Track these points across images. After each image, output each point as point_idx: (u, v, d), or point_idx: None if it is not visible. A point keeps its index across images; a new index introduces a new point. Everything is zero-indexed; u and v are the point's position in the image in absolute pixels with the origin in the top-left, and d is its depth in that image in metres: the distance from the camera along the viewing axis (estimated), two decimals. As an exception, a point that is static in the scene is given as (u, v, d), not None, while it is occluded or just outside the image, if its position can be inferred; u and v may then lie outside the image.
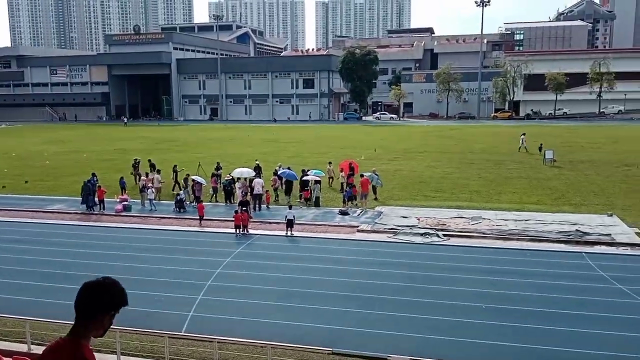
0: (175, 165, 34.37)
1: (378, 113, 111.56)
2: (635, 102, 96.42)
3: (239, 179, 29.38)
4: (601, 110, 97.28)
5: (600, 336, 13.56)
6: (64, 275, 18.55)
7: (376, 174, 29.95)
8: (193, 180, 29.16)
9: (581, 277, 17.75)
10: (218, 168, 32.87)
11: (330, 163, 34.34)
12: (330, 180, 33.21)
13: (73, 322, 3.30)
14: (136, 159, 37.16)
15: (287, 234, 23.03)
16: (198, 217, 25.56)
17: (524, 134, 50.12)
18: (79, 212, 28.05)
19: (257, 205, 27.62)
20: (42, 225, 25.97)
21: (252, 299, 16.18)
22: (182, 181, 30.20)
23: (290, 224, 23.01)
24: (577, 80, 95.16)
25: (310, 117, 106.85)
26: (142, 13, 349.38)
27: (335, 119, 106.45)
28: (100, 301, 3.24)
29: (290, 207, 24.25)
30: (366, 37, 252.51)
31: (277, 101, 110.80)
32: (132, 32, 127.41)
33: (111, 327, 3.41)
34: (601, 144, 53.27)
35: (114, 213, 27.60)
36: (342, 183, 31.62)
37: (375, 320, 14.67)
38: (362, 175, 29.19)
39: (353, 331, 14.03)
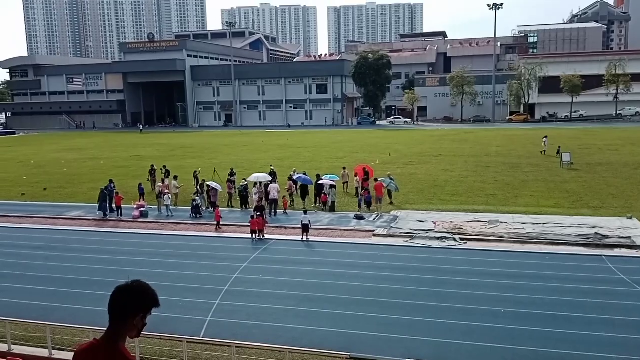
0: (195, 171, 34.65)
1: (392, 117, 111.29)
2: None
3: (255, 184, 29.48)
4: (618, 112, 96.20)
5: (622, 340, 13.38)
6: (83, 281, 18.76)
7: (391, 178, 29.89)
8: (208, 186, 29.36)
9: (601, 280, 17.54)
10: (232, 174, 33.07)
11: (344, 168, 34.33)
12: (345, 185, 33.18)
13: (95, 328, 3.41)
14: (153, 166, 37.49)
15: (302, 238, 23.05)
16: (215, 223, 25.68)
17: (546, 137, 49.69)
18: (98, 218, 28.33)
19: (273, 210, 27.70)
20: (62, 232, 26.27)
21: (269, 304, 16.21)
22: (198, 187, 30.39)
23: (305, 228, 23.03)
24: (592, 82, 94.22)
25: (326, 122, 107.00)
26: (156, 21, 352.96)
27: (349, 124, 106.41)
28: (130, 303, 3.40)
29: (305, 212, 24.27)
30: (379, 41, 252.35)
31: (290, 107, 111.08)
32: (147, 40, 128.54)
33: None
34: (619, 146, 52.65)
35: (131, 219, 27.83)
36: (356, 187, 31.61)
37: (392, 324, 14.62)
38: (376, 180, 29.15)
39: (370, 336, 13.99)
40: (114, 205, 28.85)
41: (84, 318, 15.07)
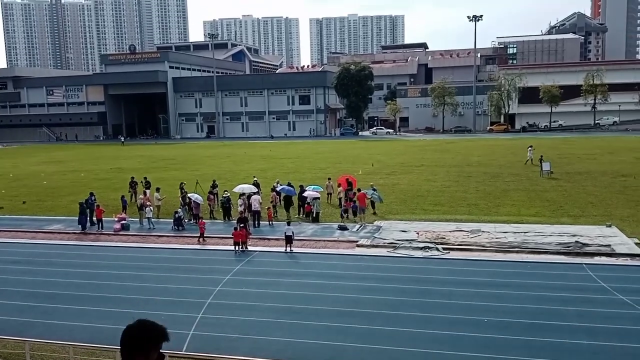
0: (181, 183, 34.37)
1: (374, 128, 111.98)
2: (630, 113, 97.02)
3: (240, 195, 29.29)
4: (596, 121, 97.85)
5: (603, 348, 13.52)
6: (63, 296, 18.48)
7: (374, 189, 29.97)
8: (190, 198, 29.16)
9: (582, 288, 17.73)
10: (214, 186, 32.85)
11: (329, 179, 34.35)
12: (329, 196, 33.22)
13: (73, 344, 3.40)
14: (133, 178, 37.18)
15: (286, 250, 22.97)
16: (198, 235, 25.49)
17: (531, 146, 50.24)
18: (78, 232, 27.96)
19: (256, 222, 27.60)
20: (41, 245, 25.88)
21: (252, 316, 16.10)
22: (180, 199, 30.16)
23: (289, 240, 22.97)
24: (571, 92, 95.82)
25: (310, 132, 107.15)
26: (137, 33, 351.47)
27: (332, 135, 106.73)
28: (136, 342, 3.49)
29: (288, 223, 24.22)
30: (360, 53, 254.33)
31: (273, 118, 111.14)
32: (128, 51, 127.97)
33: (111, 347, 3.55)
34: (597, 155, 53.49)
35: (112, 232, 27.52)
36: (339, 198, 31.66)
37: (376, 335, 14.60)
38: (359, 190, 29.23)
39: (354, 347, 13.96)
40: (94, 218, 28.51)
41: (64, 334, 14.83)
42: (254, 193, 29.36)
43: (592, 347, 13.51)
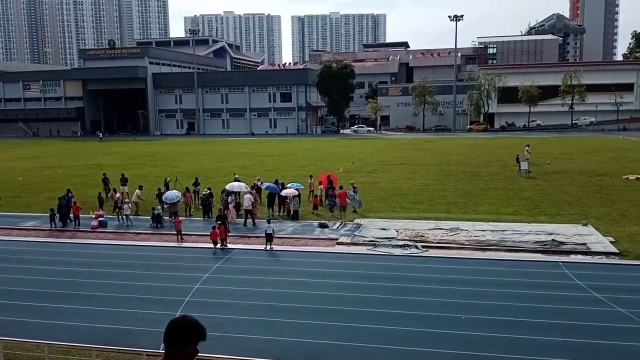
0: (166, 179, 34.13)
1: (356, 126, 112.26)
2: (606, 114, 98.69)
3: (230, 193, 29.03)
4: (573, 121, 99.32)
5: (578, 345, 13.73)
6: (39, 294, 18.18)
7: (355, 190, 29.89)
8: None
9: (558, 286, 17.96)
10: (196, 183, 32.70)
11: (311, 177, 34.33)
12: (311, 193, 33.10)
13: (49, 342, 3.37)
14: (105, 174, 36.80)
15: (266, 248, 22.90)
16: (175, 232, 25.29)
17: (528, 145, 50.70)
18: (54, 229, 27.54)
19: (247, 220, 27.39)
20: (16, 242, 25.43)
21: (231, 314, 16.03)
22: (157, 197, 29.85)
23: (269, 238, 22.89)
24: (549, 92, 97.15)
25: (287, 131, 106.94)
26: (117, 28, 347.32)
27: (313, 132, 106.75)
28: (174, 336, 3.75)
29: (269, 221, 24.10)
30: (342, 51, 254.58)
31: (254, 115, 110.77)
32: (107, 46, 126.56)
33: (88, 345, 3.56)
34: (574, 154, 54.29)
35: (89, 229, 27.16)
36: (317, 196, 31.65)
37: (355, 333, 14.63)
38: (341, 187, 29.22)
39: (334, 345, 13.98)
40: (71, 215, 28.11)
41: (39, 332, 14.60)
42: (252, 188, 29.20)
43: (569, 344, 13.70)
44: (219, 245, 23.16)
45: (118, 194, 30.12)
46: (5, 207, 33.26)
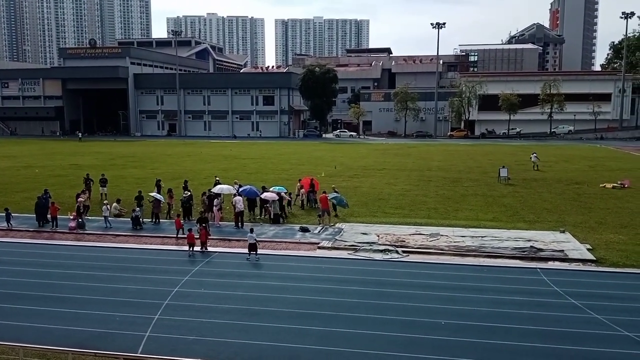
0: (158, 180, 33.63)
1: (338, 130, 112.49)
2: (585, 123, 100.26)
3: (217, 196, 28.75)
4: (552, 130, 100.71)
5: (555, 350, 13.87)
6: (15, 295, 17.84)
7: (336, 191, 29.99)
8: (152, 197, 28.59)
9: (536, 292, 18.15)
10: (186, 187, 31.85)
11: (300, 180, 33.73)
12: (297, 197, 32.63)
13: (24, 345, 3.20)
14: (88, 175, 36.37)
15: (248, 257, 22.05)
16: (176, 232, 25.21)
17: (534, 153, 51.14)
18: (31, 229, 27.09)
19: (239, 223, 27.16)
20: (-10, 243, 24.95)
21: (210, 318, 15.90)
22: (135, 200, 29.38)
23: (253, 247, 22.09)
24: (529, 101, 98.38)
25: (260, 134, 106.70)
26: (98, 27, 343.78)
27: (296, 136, 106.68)
28: None
29: (251, 231, 22.96)
30: (325, 55, 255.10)
31: (237, 117, 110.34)
32: (88, 45, 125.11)
33: (64, 349, 3.37)
34: (553, 162, 55.02)
35: (67, 230, 26.76)
36: (301, 200, 31.61)
37: (333, 337, 14.62)
38: (324, 192, 29.14)
39: (311, 349, 13.95)
40: (49, 216, 27.67)
41: (14, 334, 14.32)
42: (234, 195, 28.90)
43: (545, 350, 13.84)
44: (198, 248, 22.96)
45: (81, 198, 29.07)
46: (-20, 206, 32.59)
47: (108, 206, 28.24)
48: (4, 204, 31.68)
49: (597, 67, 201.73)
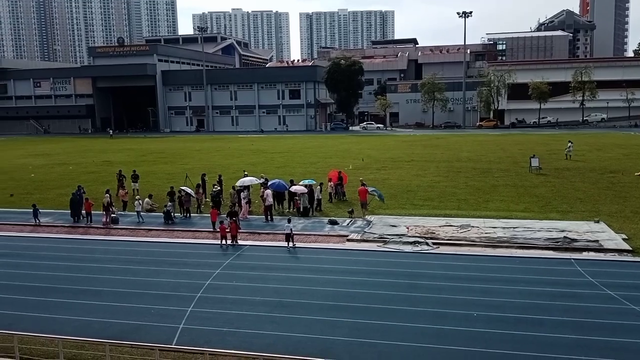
0: (203, 174, 33.95)
1: (365, 123, 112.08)
2: (618, 110, 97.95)
3: (244, 189, 29.05)
4: (584, 118, 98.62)
5: (589, 342, 13.66)
6: (52, 289, 18.34)
7: (363, 184, 29.81)
8: (184, 191, 28.96)
9: (570, 283, 17.88)
10: (220, 181, 32.19)
11: (328, 173, 33.73)
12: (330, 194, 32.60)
13: (63, 337, 3.31)
14: (120, 171, 37.09)
15: (288, 246, 22.64)
16: (212, 224, 25.57)
17: (570, 142, 50.43)
18: (67, 225, 27.74)
19: (268, 217, 27.44)
20: (30, 239, 25.67)
21: (242, 310, 16.10)
22: (167, 195, 29.80)
23: (288, 237, 22.69)
24: (560, 89, 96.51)
25: (286, 128, 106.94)
26: (125, 25, 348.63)
27: (323, 129, 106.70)
28: None
29: (289, 221, 23.32)
30: (351, 48, 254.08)
31: (263, 112, 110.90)
32: (116, 44, 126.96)
33: (101, 340, 3.43)
34: (585, 151, 53.91)
35: (101, 225, 27.34)
36: (330, 193, 31.64)
37: (366, 329, 14.66)
38: (363, 184, 28.92)
39: (344, 341, 14.00)
40: (83, 212, 28.30)
41: (53, 327, 14.74)
42: (262, 186, 29.16)
43: (579, 342, 13.64)
44: (229, 242, 23.25)
45: (122, 191, 30.01)
46: (18, 203, 33.57)
47: (140, 201, 28.75)
48: (39, 200, 32.57)
49: (630, 53, 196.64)
